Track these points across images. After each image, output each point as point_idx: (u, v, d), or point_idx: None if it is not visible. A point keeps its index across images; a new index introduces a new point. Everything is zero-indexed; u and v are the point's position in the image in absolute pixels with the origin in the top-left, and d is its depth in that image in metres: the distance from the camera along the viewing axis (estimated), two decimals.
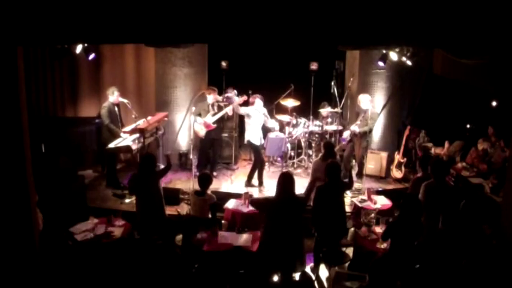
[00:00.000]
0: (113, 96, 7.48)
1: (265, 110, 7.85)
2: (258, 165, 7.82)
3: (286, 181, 5.07)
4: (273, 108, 8.78)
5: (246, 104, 7.93)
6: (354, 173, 8.30)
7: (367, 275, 3.94)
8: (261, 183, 7.80)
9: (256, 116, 7.63)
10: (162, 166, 7.12)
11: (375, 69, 8.51)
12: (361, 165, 8.10)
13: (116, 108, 7.60)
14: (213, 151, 8.33)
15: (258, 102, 7.65)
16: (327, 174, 5.62)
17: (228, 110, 8.01)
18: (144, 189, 5.76)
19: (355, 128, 7.91)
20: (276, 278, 5.10)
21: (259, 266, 5.12)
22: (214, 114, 7.97)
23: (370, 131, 7.97)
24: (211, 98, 8.00)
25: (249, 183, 7.79)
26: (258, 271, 5.11)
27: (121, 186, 7.79)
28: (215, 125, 7.98)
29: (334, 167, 5.67)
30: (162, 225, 5.77)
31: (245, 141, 7.87)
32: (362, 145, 7.98)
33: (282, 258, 4.97)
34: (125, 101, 7.42)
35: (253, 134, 7.67)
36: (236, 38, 4.62)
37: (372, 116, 7.81)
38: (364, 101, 7.90)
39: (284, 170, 6.60)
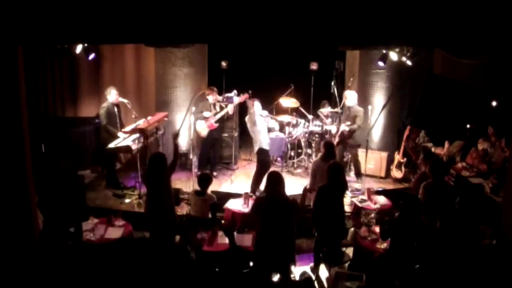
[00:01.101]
0: (111, 95, 7.46)
1: (265, 112, 7.77)
2: (264, 172, 7.42)
3: (273, 181, 5.03)
4: (273, 108, 8.79)
5: (245, 107, 7.81)
6: (351, 173, 8.28)
7: (364, 275, 3.94)
8: (254, 191, 7.40)
9: (261, 121, 7.47)
10: None
11: (375, 69, 8.51)
12: (357, 164, 8.11)
13: (116, 109, 7.58)
14: (213, 151, 8.34)
15: (257, 105, 7.45)
16: (328, 174, 5.62)
17: (229, 109, 8.00)
18: (153, 187, 5.74)
19: (344, 127, 7.81)
20: (275, 278, 5.11)
21: (255, 266, 5.13)
22: (215, 114, 7.97)
23: (358, 129, 7.90)
24: (212, 98, 8.00)
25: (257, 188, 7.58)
26: (255, 271, 5.11)
27: (121, 186, 7.80)
28: (217, 125, 7.99)
29: (336, 168, 5.67)
30: (166, 225, 5.75)
31: (255, 151, 7.46)
32: (354, 142, 7.96)
33: (272, 258, 4.96)
34: (125, 101, 7.41)
35: (264, 141, 7.40)
36: (236, 38, 4.62)
37: (358, 114, 7.80)
38: (350, 97, 7.84)
39: (272, 170, 6.50)
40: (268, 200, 5.01)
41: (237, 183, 8.04)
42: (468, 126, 8.60)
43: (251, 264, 5.30)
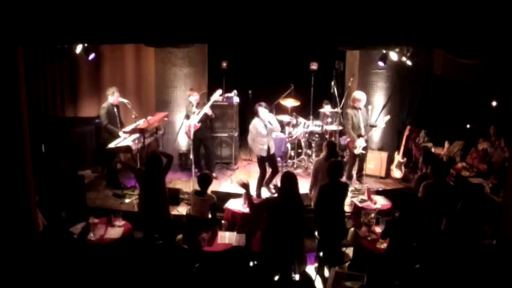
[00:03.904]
0: (113, 96, 7.48)
1: (270, 117, 7.30)
2: (270, 175, 7.48)
3: (290, 180, 5.06)
4: (273, 108, 8.77)
5: (251, 113, 7.59)
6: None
7: (365, 275, 3.94)
8: (258, 195, 7.39)
9: (258, 128, 7.18)
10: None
11: (375, 69, 8.51)
12: (362, 165, 8.13)
13: (115, 109, 7.59)
14: (206, 151, 8.29)
15: (261, 111, 7.16)
16: (328, 173, 5.62)
17: (207, 110, 7.84)
18: (150, 188, 5.75)
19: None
20: (276, 278, 5.10)
21: (260, 266, 5.13)
22: (198, 114, 7.88)
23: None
24: (193, 98, 7.81)
25: (268, 187, 7.57)
26: (259, 271, 5.11)
27: (121, 186, 7.80)
28: (199, 124, 7.84)
29: (336, 167, 5.67)
30: (164, 225, 5.77)
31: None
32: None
33: (282, 258, 4.96)
34: (125, 101, 7.41)
35: (257, 147, 7.27)
36: (236, 38, 4.62)
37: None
38: (364, 99, 7.73)
39: (285, 170, 6.49)
40: (283, 200, 5.01)
41: (236, 183, 8.03)
42: (468, 126, 8.60)
43: (251, 264, 5.30)
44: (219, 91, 8.02)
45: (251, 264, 5.50)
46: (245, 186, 5.48)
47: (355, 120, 7.66)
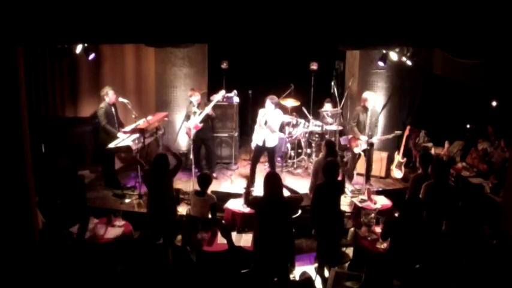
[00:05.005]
0: (109, 96, 7.47)
1: (272, 115, 7.53)
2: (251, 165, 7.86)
3: (270, 182, 5.00)
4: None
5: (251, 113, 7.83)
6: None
7: (363, 274, 3.94)
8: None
9: (259, 115, 7.62)
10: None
11: (375, 69, 8.51)
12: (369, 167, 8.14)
13: (113, 109, 7.59)
14: (207, 151, 8.29)
15: (267, 103, 7.49)
16: (324, 172, 5.61)
17: (208, 110, 7.82)
18: (156, 188, 5.76)
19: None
20: (275, 278, 5.10)
21: (255, 266, 5.12)
22: (200, 114, 7.85)
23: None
24: (195, 99, 7.82)
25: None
26: (255, 271, 5.11)
27: (121, 186, 7.79)
28: (202, 125, 7.85)
29: (332, 166, 5.66)
30: (168, 225, 5.76)
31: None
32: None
33: (271, 258, 4.95)
34: (125, 101, 7.40)
35: (255, 135, 7.72)
36: (236, 38, 4.62)
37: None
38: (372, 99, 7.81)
39: (270, 171, 6.51)
40: (266, 201, 5.00)
41: (237, 183, 8.03)
42: (468, 126, 8.60)
43: (251, 264, 5.29)
44: (223, 91, 8.04)
45: (243, 265, 5.50)
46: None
47: (362, 119, 7.72)
